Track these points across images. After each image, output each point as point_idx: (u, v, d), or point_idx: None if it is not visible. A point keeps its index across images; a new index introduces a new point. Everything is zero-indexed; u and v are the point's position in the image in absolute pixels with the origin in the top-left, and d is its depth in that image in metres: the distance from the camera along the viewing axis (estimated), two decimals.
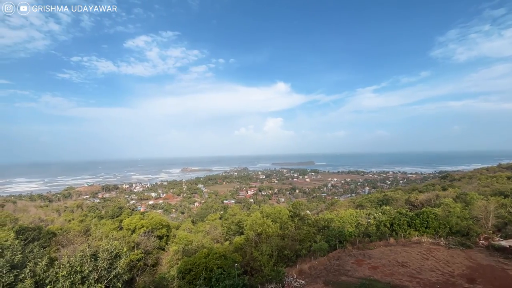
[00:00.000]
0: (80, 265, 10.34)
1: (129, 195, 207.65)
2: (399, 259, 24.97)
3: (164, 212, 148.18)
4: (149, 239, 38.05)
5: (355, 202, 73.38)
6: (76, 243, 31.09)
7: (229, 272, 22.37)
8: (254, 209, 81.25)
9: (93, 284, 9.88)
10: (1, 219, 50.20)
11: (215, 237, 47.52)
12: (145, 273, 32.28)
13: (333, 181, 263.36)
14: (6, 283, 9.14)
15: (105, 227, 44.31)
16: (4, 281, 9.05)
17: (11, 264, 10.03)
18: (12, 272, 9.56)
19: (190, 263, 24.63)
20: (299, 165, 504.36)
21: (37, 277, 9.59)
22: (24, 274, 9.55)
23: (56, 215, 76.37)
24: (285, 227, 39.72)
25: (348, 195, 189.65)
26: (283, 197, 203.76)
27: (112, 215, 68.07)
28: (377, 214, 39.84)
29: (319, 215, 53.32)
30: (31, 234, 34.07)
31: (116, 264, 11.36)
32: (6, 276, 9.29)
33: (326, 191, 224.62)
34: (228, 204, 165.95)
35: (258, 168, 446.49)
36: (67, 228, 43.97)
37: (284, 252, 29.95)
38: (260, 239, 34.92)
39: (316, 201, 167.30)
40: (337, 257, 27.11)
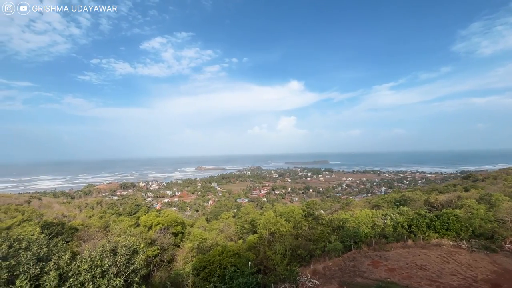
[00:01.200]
0: (100, 260, 10.76)
1: (146, 193, 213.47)
2: (418, 261, 24.14)
3: (179, 210, 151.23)
4: (164, 236, 38.97)
5: (371, 202, 71.64)
6: (96, 239, 32.33)
7: (243, 270, 22.49)
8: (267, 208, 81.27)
9: (112, 278, 10.24)
10: (27, 214, 53.16)
11: (229, 235, 47.95)
12: (161, 269, 33.11)
13: (348, 181, 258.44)
14: (33, 275, 9.64)
15: (123, 223, 45.77)
16: (31, 273, 9.56)
17: (37, 257, 10.58)
18: (38, 265, 10.08)
19: (204, 260, 24.98)
20: (313, 164, 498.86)
21: (61, 269, 10.05)
22: (49, 267, 10.04)
23: (77, 211, 79.80)
24: (299, 226, 39.43)
25: (364, 195, 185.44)
26: (297, 197, 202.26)
27: (129, 212, 70.29)
28: (394, 214, 38.70)
29: (333, 215, 52.52)
30: (55, 229, 35.84)
31: (134, 260, 11.72)
32: (33, 268, 9.81)
33: (340, 190, 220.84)
34: (241, 202, 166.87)
35: (271, 167, 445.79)
36: (88, 224, 45.81)
37: (297, 252, 29.75)
38: (273, 238, 34.88)
39: (330, 201, 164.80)
40: (352, 258, 26.60)
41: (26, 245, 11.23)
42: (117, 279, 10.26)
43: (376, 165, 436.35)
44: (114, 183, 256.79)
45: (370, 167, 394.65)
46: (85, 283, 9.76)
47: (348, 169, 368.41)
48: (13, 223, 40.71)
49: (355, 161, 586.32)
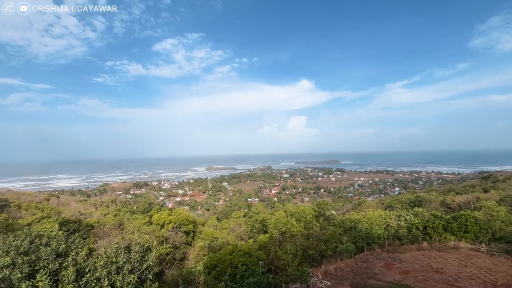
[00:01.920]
0: (115, 256, 11.05)
1: (158, 191, 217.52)
2: (434, 264, 23.41)
3: (190, 209, 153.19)
4: (176, 234, 39.60)
5: (384, 203, 70.05)
6: (111, 236, 33.26)
7: (254, 269, 22.53)
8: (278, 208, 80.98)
9: (127, 274, 10.49)
10: (46, 211, 55.31)
11: (240, 235, 48.13)
12: (173, 266, 33.66)
13: (360, 181, 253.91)
14: (52, 269, 9.99)
15: (136, 221, 46.83)
16: (50, 268, 9.93)
17: (56, 252, 10.97)
18: (57, 260, 10.46)
19: (215, 259, 25.19)
20: (324, 164, 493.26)
21: (78, 265, 10.38)
22: (67, 262, 10.39)
23: (93, 209, 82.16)
24: (310, 226, 39.10)
25: (376, 196, 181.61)
26: (307, 197, 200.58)
27: (142, 211, 71.76)
28: (408, 216, 37.70)
29: (345, 215, 51.74)
30: (72, 226, 37.08)
31: (147, 257, 11.96)
32: (52, 263, 10.17)
33: (352, 191, 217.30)
34: (252, 202, 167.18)
35: (281, 167, 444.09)
36: (103, 222, 47.14)
37: (308, 252, 29.52)
38: (284, 238, 34.75)
39: (342, 201, 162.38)
40: (365, 260, 26.11)
41: (46, 241, 11.70)
42: (131, 276, 10.50)
43: (390, 165, 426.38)
44: (128, 182, 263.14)
45: (383, 167, 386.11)
46: (101, 279, 10.05)
47: (360, 169, 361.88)
48: (34, 220, 42.46)
49: (368, 161, 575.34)
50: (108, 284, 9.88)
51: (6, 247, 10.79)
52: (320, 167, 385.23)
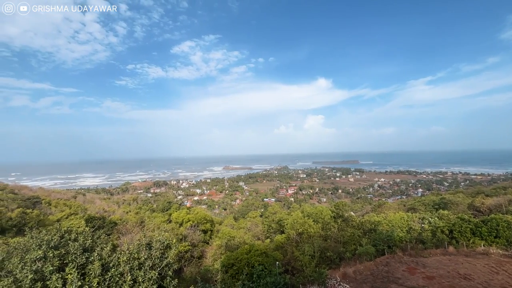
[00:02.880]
0: (137, 253, 11.49)
1: (177, 190, 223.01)
2: (461, 270, 22.19)
3: (208, 208, 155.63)
4: (195, 232, 40.39)
5: (406, 204, 67.40)
6: (133, 233, 34.55)
7: (270, 269, 22.50)
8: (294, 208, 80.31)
9: (148, 270, 10.87)
10: (74, 208, 58.45)
11: (256, 234, 48.26)
12: (191, 264, 34.38)
13: (380, 182, 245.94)
14: (80, 263, 10.55)
15: (156, 219, 48.29)
16: (78, 262, 10.49)
17: (83, 247, 11.59)
18: (84, 255, 11.04)
19: (232, 258, 25.43)
20: (342, 164, 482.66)
21: (103, 260, 10.89)
22: (93, 257, 10.93)
23: (116, 207, 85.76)
24: (328, 228, 38.43)
25: (398, 197, 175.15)
26: (325, 197, 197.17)
27: (162, 209, 73.91)
28: (432, 218, 36.00)
29: (364, 217, 50.33)
30: (97, 222, 38.95)
31: (167, 254, 12.31)
32: (79, 257, 10.75)
33: (372, 192, 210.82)
34: (268, 202, 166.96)
35: (298, 167, 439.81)
36: (125, 219, 49.08)
37: (326, 254, 29.03)
38: (301, 239, 34.42)
39: (361, 202, 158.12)
40: (386, 263, 25.27)
41: (75, 237, 12.39)
42: (152, 272, 10.86)
43: (412, 165, 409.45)
44: (148, 181, 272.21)
45: (405, 167, 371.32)
46: (124, 274, 10.48)
47: (380, 169, 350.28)
48: (62, 216, 45.06)
49: (388, 161, 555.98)
50: (130, 279, 10.28)
51: (38, 241, 11.56)
52: (338, 167, 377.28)
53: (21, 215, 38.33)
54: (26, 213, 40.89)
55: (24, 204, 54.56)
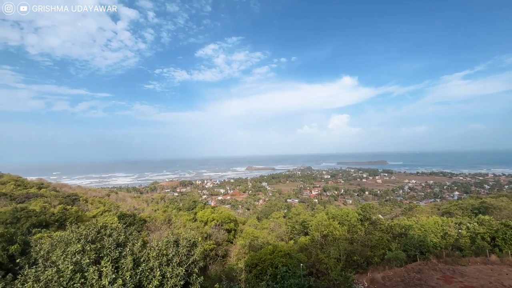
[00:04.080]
0: (165, 249, 11.99)
1: (201, 190, 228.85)
2: (505, 281, 20.26)
3: (231, 208, 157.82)
4: (219, 231, 41.17)
5: (441, 208, 63.16)
6: (161, 230, 36.05)
7: (294, 271, 22.22)
8: (319, 210, 78.70)
9: (175, 267, 11.28)
10: (107, 206, 62.35)
11: (280, 235, 48.01)
12: (216, 262, 35.06)
13: (410, 183, 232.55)
14: (114, 257, 11.23)
15: (182, 218, 49.95)
16: (112, 256, 11.18)
17: (117, 242, 12.34)
18: (117, 249, 11.76)
19: (256, 258, 25.52)
20: (368, 164, 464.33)
21: (134, 255, 11.51)
22: (126, 252, 11.59)
23: (145, 205, 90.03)
24: (354, 230, 37.15)
25: (431, 200, 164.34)
26: (351, 199, 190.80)
27: (188, 208, 76.27)
28: (471, 224, 33.35)
29: (393, 220, 47.95)
30: (128, 219, 41.17)
31: (193, 252, 12.69)
32: (113, 252, 11.47)
33: (402, 194, 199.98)
34: (291, 203, 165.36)
35: (322, 167, 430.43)
36: (154, 217, 51.35)
37: (353, 258, 28.06)
38: (326, 241, 33.64)
39: (390, 205, 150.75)
40: (418, 270, 23.82)
41: (109, 232, 13.27)
42: (180, 268, 11.26)
43: (447, 166, 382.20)
44: (174, 180, 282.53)
45: (439, 168, 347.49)
46: (153, 269, 10.99)
47: (410, 170, 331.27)
48: (97, 213, 48.26)
49: (420, 162, 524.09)
50: (160, 274, 10.75)
51: (77, 235, 12.52)
52: (365, 168, 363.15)
53: (62, 211, 41.67)
54: (66, 209, 44.39)
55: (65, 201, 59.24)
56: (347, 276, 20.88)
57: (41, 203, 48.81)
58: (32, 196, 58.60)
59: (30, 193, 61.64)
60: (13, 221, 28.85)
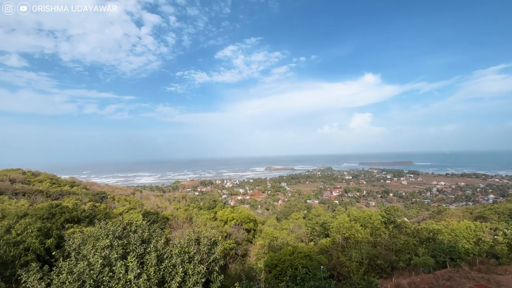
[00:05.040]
0: (187, 247, 12.32)
1: (221, 190, 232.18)
2: None
3: (250, 208, 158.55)
4: (238, 231, 41.51)
5: (473, 212, 59.14)
6: (183, 228, 37.06)
7: (314, 273, 21.86)
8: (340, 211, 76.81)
9: (197, 264, 11.55)
10: (133, 204, 65.15)
11: (299, 236, 47.45)
12: (236, 261, 35.37)
13: (439, 185, 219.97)
14: (139, 253, 11.72)
15: (203, 216, 50.95)
16: (137, 252, 11.68)
17: (141, 239, 12.89)
18: (142, 246, 12.26)
19: (276, 259, 25.43)
20: (393, 165, 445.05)
21: (158, 251, 11.94)
22: (150, 248, 12.05)
23: (167, 203, 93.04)
24: (377, 234, 35.82)
25: (462, 203, 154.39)
26: (374, 201, 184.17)
27: (208, 207, 77.67)
28: (509, 230, 30.88)
29: (420, 224, 45.63)
30: (152, 217, 42.70)
31: (213, 250, 12.92)
32: (139, 248, 11.98)
33: (429, 196, 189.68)
34: (311, 204, 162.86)
35: (343, 168, 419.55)
36: (176, 215, 52.85)
37: (376, 262, 27.06)
38: (347, 244, 32.75)
39: (416, 208, 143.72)
40: (448, 277, 22.46)
41: (134, 229, 13.89)
42: (201, 266, 11.50)
43: (481, 167, 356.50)
44: (195, 180, 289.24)
45: (471, 169, 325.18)
46: (176, 266, 11.32)
47: (439, 171, 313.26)
48: (123, 210, 50.56)
49: (449, 162, 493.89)
50: (182, 271, 11.05)
51: (106, 231, 13.24)
52: (389, 168, 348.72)
53: (92, 208, 44.15)
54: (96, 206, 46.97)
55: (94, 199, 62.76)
56: (370, 281, 20.20)
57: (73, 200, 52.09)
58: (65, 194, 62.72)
59: (63, 191, 66.02)
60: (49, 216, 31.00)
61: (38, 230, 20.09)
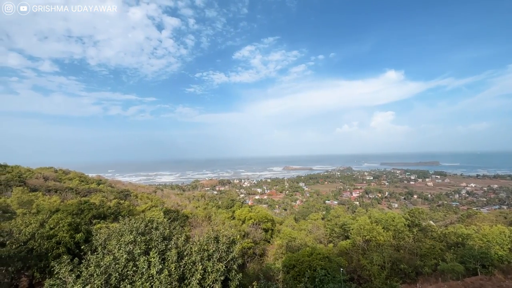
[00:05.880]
0: (206, 245, 12.56)
1: (239, 189, 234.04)
2: None
3: (268, 207, 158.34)
4: (256, 230, 41.64)
5: (508, 216, 55.14)
6: (202, 226, 37.82)
7: (334, 275, 21.43)
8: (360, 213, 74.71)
9: (216, 262, 11.74)
10: (154, 201, 67.45)
11: (318, 237, 46.72)
12: (253, 261, 35.55)
13: (469, 187, 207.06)
14: (160, 249, 12.12)
15: (221, 215, 51.68)
16: (159, 248, 12.08)
17: (163, 236, 13.33)
18: (163, 242, 12.68)
19: (294, 259, 25.24)
20: (417, 165, 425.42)
21: (178, 248, 12.29)
22: (171, 245, 12.43)
23: (187, 202, 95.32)
24: (400, 237, 34.45)
25: (495, 207, 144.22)
26: (396, 202, 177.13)
27: (226, 206, 78.59)
28: None
29: (448, 228, 43.22)
30: (173, 215, 43.98)
31: (232, 249, 13.08)
32: (160, 244, 12.40)
33: (458, 199, 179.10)
34: (330, 204, 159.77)
35: (364, 168, 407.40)
36: (195, 213, 54.06)
37: (399, 266, 26.03)
38: (368, 247, 31.80)
39: (443, 211, 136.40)
40: (479, 285, 21.10)
41: (156, 226, 14.44)
42: (220, 264, 11.68)
43: None
44: (214, 179, 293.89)
45: (505, 170, 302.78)
46: (195, 263, 11.60)
47: (469, 173, 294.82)
48: (146, 208, 52.53)
49: (481, 163, 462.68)
50: (201, 268, 11.29)
51: (129, 227, 13.88)
52: (413, 169, 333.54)
53: (117, 204, 46.32)
54: (120, 203, 49.18)
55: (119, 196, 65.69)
56: (393, 286, 19.49)
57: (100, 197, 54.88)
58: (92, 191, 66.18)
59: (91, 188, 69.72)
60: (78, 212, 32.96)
61: (68, 225, 21.46)
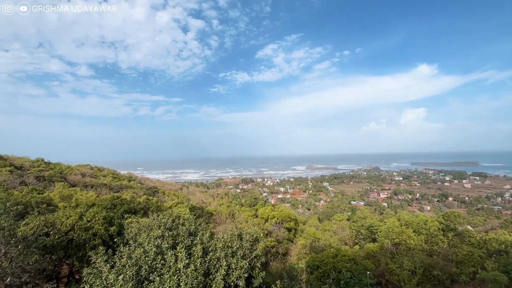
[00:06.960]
0: (230, 242, 12.78)
1: (262, 188, 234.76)
2: None
3: (291, 207, 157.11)
4: (279, 229, 41.52)
5: None
6: (226, 223, 38.54)
7: (360, 278, 20.76)
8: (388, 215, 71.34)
9: (240, 259, 11.90)
10: (180, 198, 69.96)
11: (343, 239, 45.44)
12: (277, 259, 35.51)
13: None
14: (186, 245, 12.55)
15: (244, 213, 52.17)
16: (185, 243, 12.52)
17: (189, 231, 13.80)
18: (189, 238, 13.11)
19: (318, 260, 24.80)
20: (452, 165, 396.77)
21: (203, 244, 12.64)
22: (196, 241, 12.82)
23: (211, 199, 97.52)
24: (434, 241, 32.40)
25: None
26: (429, 205, 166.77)
27: (249, 204, 79.17)
28: None
29: (488, 234, 39.84)
30: (198, 212, 45.29)
31: (255, 247, 13.18)
32: (186, 240, 12.85)
33: (500, 202, 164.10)
34: (356, 205, 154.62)
35: (393, 168, 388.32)
36: (219, 211, 55.14)
37: (432, 272, 24.50)
38: (397, 250, 30.33)
39: (483, 215, 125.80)
40: None
41: (182, 222, 14.98)
42: (243, 261, 11.83)
43: None
44: (237, 178, 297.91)
45: None
46: (220, 259, 11.86)
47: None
48: (172, 204, 54.62)
49: None
50: (225, 264, 11.51)
51: (158, 222, 14.56)
52: (447, 169, 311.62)
53: (146, 200, 48.71)
54: (149, 199, 51.65)
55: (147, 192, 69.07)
56: None
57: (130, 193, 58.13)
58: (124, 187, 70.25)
59: (123, 185, 74.04)
60: (111, 207, 35.21)
61: (103, 218, 23.01)
